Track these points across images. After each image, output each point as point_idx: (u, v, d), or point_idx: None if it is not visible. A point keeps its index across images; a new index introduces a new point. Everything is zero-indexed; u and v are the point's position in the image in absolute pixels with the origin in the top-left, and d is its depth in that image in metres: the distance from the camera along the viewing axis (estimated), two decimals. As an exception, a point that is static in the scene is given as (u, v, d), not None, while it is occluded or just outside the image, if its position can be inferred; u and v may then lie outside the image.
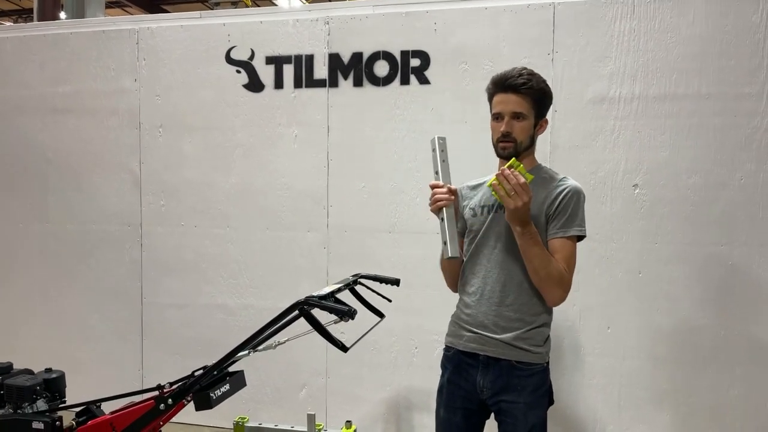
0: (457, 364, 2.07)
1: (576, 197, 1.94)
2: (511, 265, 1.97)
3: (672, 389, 3.01)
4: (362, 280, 2.34)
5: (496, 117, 1.98)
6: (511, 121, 1.93)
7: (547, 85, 1.98)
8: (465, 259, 2.12)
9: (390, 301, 2.38)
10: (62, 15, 7.40)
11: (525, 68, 1.96)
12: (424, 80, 3.21)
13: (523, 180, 1.78)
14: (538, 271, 1.88)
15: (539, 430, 1.98)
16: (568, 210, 1.92)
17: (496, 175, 1.82)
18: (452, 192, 1.96)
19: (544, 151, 3.04)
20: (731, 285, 2.92)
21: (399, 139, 3.26)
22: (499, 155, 2.00)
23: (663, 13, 2.91)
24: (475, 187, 2.15)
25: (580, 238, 1.97)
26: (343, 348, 1.92)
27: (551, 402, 2.06)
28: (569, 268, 1.92)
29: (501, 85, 1.94)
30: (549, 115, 2.95)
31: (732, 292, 2.92)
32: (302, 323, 1.96)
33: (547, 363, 2.02)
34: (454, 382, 2.07)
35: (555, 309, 2.16)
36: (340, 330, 2.34)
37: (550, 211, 1.94)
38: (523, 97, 1.92)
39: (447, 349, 2.14)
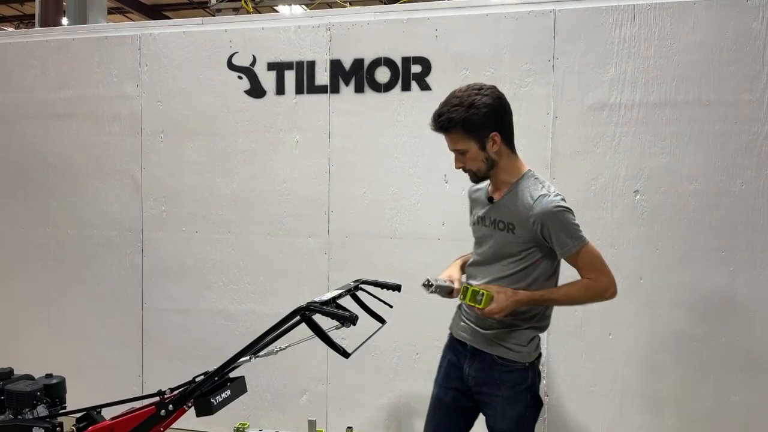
0: (455, 349, 2.22)
1: (549, 222, 1.94)
2: (490, 272, 2.07)
3: (673, 396, 3.00)
4: (363, 286, 2.34)
5: None
6: (459, 157, 2.04)
7: (472, 105, 1.93)
8: None
9: (391, 306, 2.38)
10: (64, 21, 7.42)
11: (448, 101, 1.98)
12: (425, 86, 3.21)
13: (478, 310, 1.97)
14: (578, 303, 2.10)
15: (518, 425, 2.06)
16: (553, 236, 1.96)
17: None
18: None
19: (544, 157, 3.04)
20: (732, 291, 2.91)
21: (400, 146, 3.27)
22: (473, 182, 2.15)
23: (663, 20, 2.92)
24: (477, 191, 2.22)
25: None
26: (345, 354, 1.92)
27: (539, 403, 2.11)
28: (597, 270, 1.99)
29: (433, 127, 2.03)
30: (549, 122, 2.96)
31: (733, 299, 2.91)
32: (303, 329, 1.96)
33: (532, 363, 2.07)
34: (454, 363, 2.20)
35: (555, 315, 2.17)
36: (341, 336, 2.34)
37: (541, 237, 1.98)
38: (452, 135, 1.99)
39: (449, 334, 2.29)
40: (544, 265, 2.04)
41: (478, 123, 1.94)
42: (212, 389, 2.03)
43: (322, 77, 3.35)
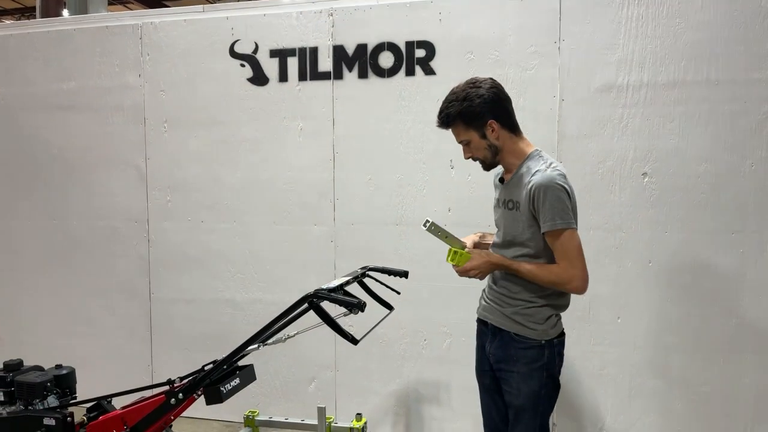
0: (481, 331, 2.29)
1: (540, 192, 1.97)
2: (505, 255, 2.12)
3: (683, 378, 2.99)
4: (371, 273, 2.33)
5: None
6: (465, 148, 2.16)
7: (466, 98, 2.05)
8: None
9: (399, 293, 2.38)
10: (65, 12, 7.39)
11: (447, 98, 2.11)
12: (429, 71, 3.18)
13: (456, 268, 2.09)
14: (539, 282, 2.05)
15: (533, 402, 2.08)
16: (540, 207, 1.99)
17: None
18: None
19: (551, 140, 3.01)
20: (742, 273, 2.89)
21: (405, 131, 3.24)
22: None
23: (671, -2, 2.88)
24: (497, 175, 2.27)
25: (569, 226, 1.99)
26: (354, 340, 1.92)
27: (556, 383, 2.13)
28: (569, 260, 2.00)
29: (437, 124, 2.15)
30: (555, 104, 2.94)
31: (743, 280, 2.89)
32: (311, 317, 1.95)
33: (549, 342, 2.09)
34: (481, 345, 2.27)
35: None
36: (349, 323, 2.33)
37: (533, 208, 2.02)
38: (454, 128, 2.12)
39: (477, 319, 2.33)
40: (549, 250, 2.05)
41: (474, 113, 2.05)
42: (221, 377, 2.03)
43: (325, 63, 3.32)
